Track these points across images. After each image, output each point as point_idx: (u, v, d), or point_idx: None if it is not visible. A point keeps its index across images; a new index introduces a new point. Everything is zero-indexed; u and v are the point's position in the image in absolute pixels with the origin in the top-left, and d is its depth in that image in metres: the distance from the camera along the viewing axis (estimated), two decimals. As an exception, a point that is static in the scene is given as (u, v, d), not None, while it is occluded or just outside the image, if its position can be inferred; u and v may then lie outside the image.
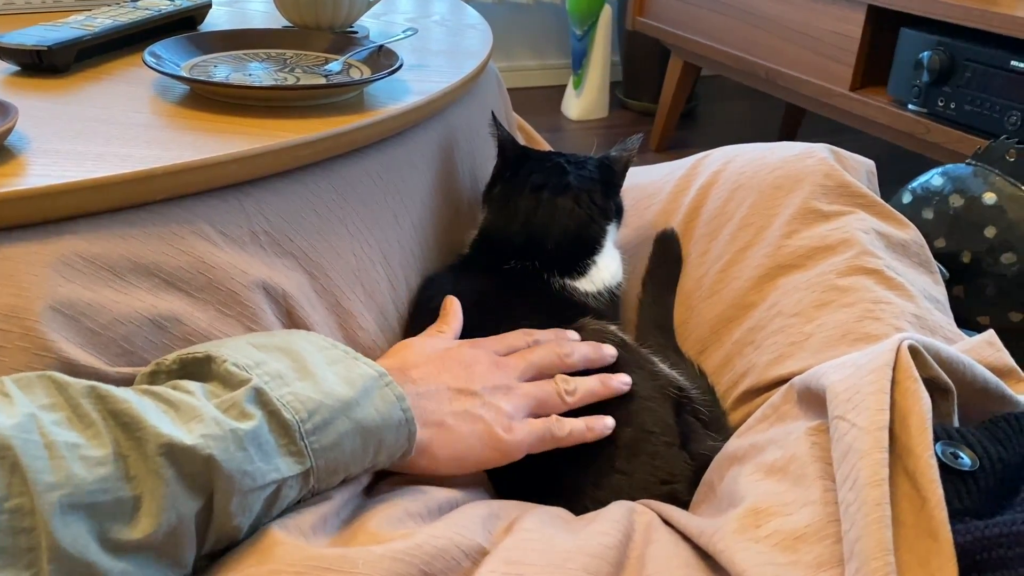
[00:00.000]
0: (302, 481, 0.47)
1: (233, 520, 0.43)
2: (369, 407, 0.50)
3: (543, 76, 2.90)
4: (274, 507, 0.46)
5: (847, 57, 1.63)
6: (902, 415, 0.45)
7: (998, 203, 1.14)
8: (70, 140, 0.56)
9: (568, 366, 0.64)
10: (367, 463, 0.51)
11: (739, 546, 0.45)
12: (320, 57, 0.77)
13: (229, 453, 0.42)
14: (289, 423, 0.45)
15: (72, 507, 0.37)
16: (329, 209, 0.63)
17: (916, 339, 0.49)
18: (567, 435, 0.60)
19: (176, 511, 0.41)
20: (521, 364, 0.62)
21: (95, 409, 0.41)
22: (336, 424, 0.48)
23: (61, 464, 0.38)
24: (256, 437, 0.44)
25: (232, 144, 0.57)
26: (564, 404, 0.62)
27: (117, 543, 0.39)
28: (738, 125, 2.67)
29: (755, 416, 0.61)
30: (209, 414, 0.43)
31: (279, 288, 0.57)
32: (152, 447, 0.40)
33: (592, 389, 0.63)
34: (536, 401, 0.61)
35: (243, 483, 0.43)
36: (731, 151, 0.85)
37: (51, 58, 0.68)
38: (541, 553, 0.46)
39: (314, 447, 0.46)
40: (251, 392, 0.45)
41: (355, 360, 0.52)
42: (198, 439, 0.41)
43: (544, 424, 0.60)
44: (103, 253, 0.50)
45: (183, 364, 0.48)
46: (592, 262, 0.73)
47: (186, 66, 0.70)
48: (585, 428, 0.61)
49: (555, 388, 0.62)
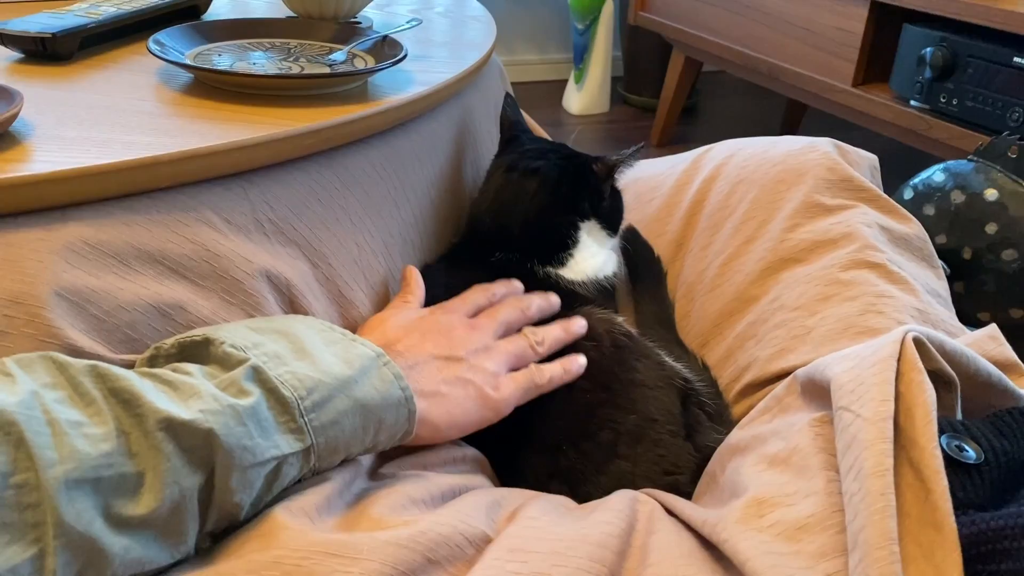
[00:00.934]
0: (303, 459, 0.47)
1: (234, 496, 0.44)
2: (368, 386, 0.50)
3: (544, 70, 2.89)
4: (275, 485, 0.46)
5: (849, 53, 1.63)
6: (907, 406, 0.45)
7: (999, 199, 1.14)
8: (74, 127, 0.56)
9: (529, 318, 0.68)
10: (367, 443, 0.51)
11: (742, 535, 0.45)
12: (324, 47, 0.77)
13: (228, 428, 0.42)
14: (288, 400, 0.46)
15: (77, 482, 0.38)
16: (332, 198, 0.63)
17: (921, 331, 0.49)
18: (548, 381, 0.63)
19: (178, 486, 0.41)
20: (492, 324, 0.65)
21: (96, 387, 0.41)
22: (335, 402, 0.48)
23: (65, 440, 0.38)
24: (255, 413, 0.44)
25: (236, 132, 0.57)
26: (536, 354, 0.65)
27: (121, 519, 0.39)
28: (739, 121, 2.66)
29: (758, 408, 0.61)
30: (207, 391, 0.43)
31: (282, 276, 0.57)
32: (152, 423, 0.40)
33: (556, 336, 0.66)
34: (513, 356, 0.64)
35: (243, 458, 0.43)
36: (734, 145, 0.84)
37: (55, 46, 0.68)
38: (545, 541, 0.46)
39: (314, 425, 0.47)
40: (249, 371, 0.45)
41: (352, 341, 0.52)
42: (196, 414, 0.42)
43: (526, 375, 0.63)
44: (108, 240, 0.50)
45: (182, 348, 0.48)
46: (568, 254, 0.73)
47: (190, 55, 0.70)
48: (562, 371, 0.64)
49: (526, 341, 0.65)
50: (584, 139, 2.44)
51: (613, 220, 0.78)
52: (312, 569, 0.42)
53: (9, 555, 0.36)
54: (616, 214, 0.78)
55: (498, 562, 0.45)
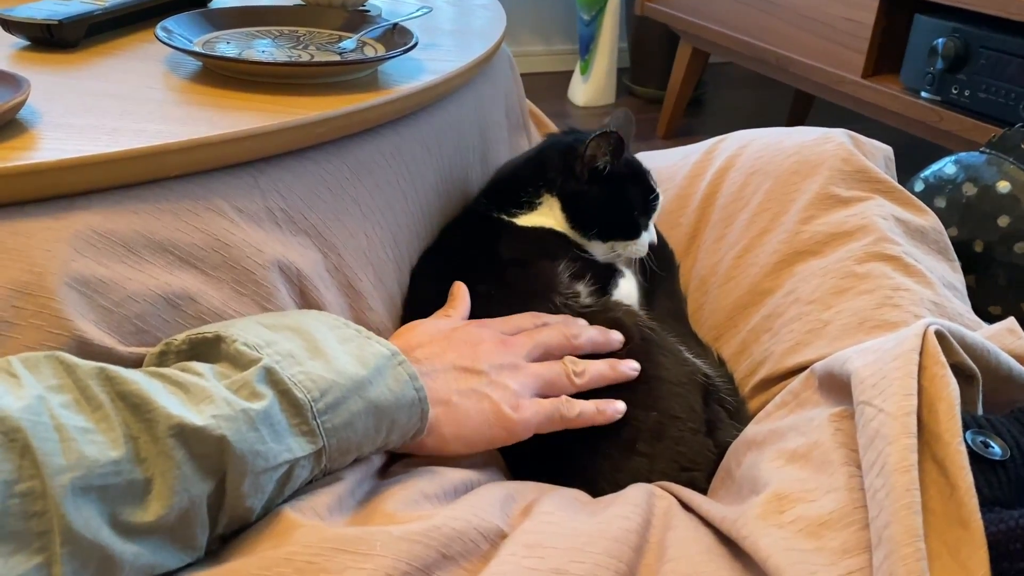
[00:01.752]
0: (314, 461, 0.46)
1: (245, 501, 0.43)
2: (382, 386, 0.49)
3: (550, 62, 2.88)
4: (286, 487, 0.46)
5: (860, 44, 1.62)
6: (930, 401, 0.44)
7: (1012, 192, 1.13)
8: (82, 115, 0.55)
9: (575, 348, 0.63)
10: (379, 442, 0.50)
11: (762, 532, 0.45)
12: (334, 35, 0.76)
13: (241, 434, 0.42)
14: (301, 402, 0.45)
15: (84, 490, 0.37)
16: (342, 188, 0.63)
17: (943, 324, 0.48)
18: (577, 416, 0.59)
19: (188, 493, 0.40)
20: (528, 343, 0.61)
21: (103, 391, 0.40)
22: (349, 403, 0.47)
23: (72, 447, 0.37)
24: (268, 417, 0.43)
25: (246, 121, 0.56)
26: (573, 385, 0.61)
27: (129, 526, 0.39)
28: (746, 113, 2.65)
29: (774, 402, 0.60)
30: (220, 395, 0.42)
31: (293, 267, 0.57)
32: (162, 429, 0.39)
33: (601, 372, 0.62)
34: (544, 381, 0.60)
35: (255, 464, 0.42)
36: (747, 135, 0.83)
37: (62, 33, 0.67)
38: (562, 536, 0.46)
39: (326, 426, 0.46)
40: (262, 372, 0.44)
41: (367, 339, 0.51)
42: (209, 420, 0.41)
43: (553, 404, 0.59)
44: (117, 229, 0.49)
45: (192, 344, 0.47)
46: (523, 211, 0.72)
47: (198, 42, 0.69)
48: (595, 411, 0.60)
49: (563, 369, 0.61)
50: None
51: (583, 217, 0.71)
52: (324, 566, 0.41)
53: (14, 564, 0.35)
54: (589, 216, 0.71)
55: (514, 558, 0.44)
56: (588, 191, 0.71)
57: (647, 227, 0.74)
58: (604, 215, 0.71)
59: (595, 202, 0.71)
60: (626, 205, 0.72)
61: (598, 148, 0.70)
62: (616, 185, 0.72)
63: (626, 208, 0.72)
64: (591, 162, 0.71)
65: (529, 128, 1.01)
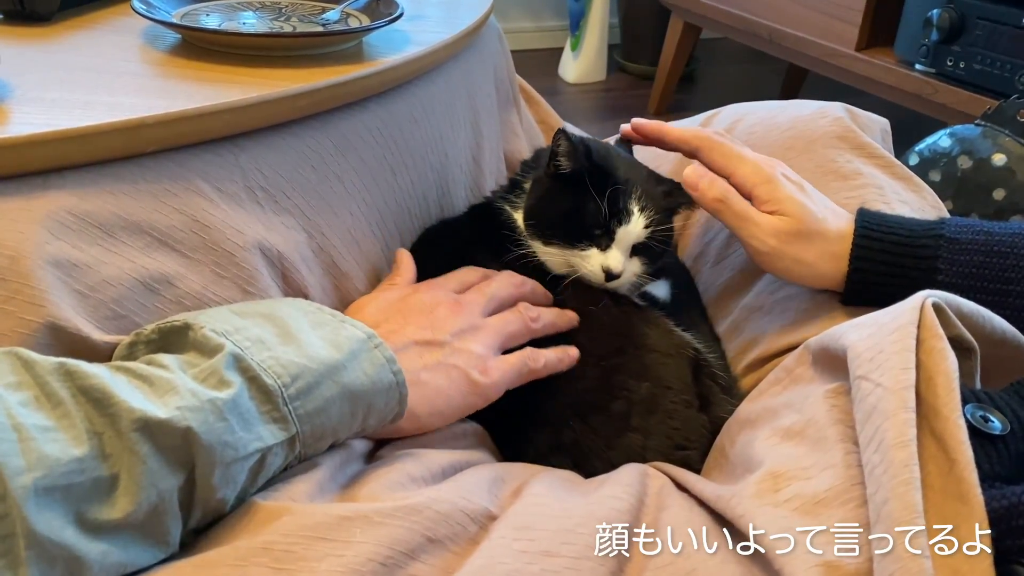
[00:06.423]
0: (287, 448, 0.45)
1: (217, 493, 0.42)
2: (357, 370, 0.48)
3: (540, 38, 2.85)
4: (260, 476, 0.45)
5: (853, 16, 1.60)
6: (928, 375, 0.43)
7: (1007, 165, 1.12)
8: (55, 88, 0.53)
9: (523, 294, 0.63)
10: (356, 427, 0.49)
11: (758, 511, 0.44)
12: (316, 6, 0.74)
13: (208, 424, 0.40)
14: (271, 388, 0.44)
15: (47, 490, 0.36)
16: (326, 164, 0.61)
17: (940, 296, 0.47)
18: (542, 366, 0.59)
19: (156, 488, 0.39)
20: (482, 300, 0.61)
21: (64, 387, 0.39)
22: (322, 389, 0.46)
23: (31, 446, 0.36)
24: (236, 406, 0.42)
25: (226, 94, 0.54)
26: (531, 332, 0.61)
27: (96, 524, 0.38)
28: (738, 88, 2.63)
29: (767, 379, 0.59)
30: (185, 386, 0.41)
31: (275, 249, 0.55)
32: (126, 423, 0.38)
33: (551, 318, 0.62)
34: (505, 335, 0.59)
35: (224, 454, 0.41)
36: (741, 109, 0.82)
37: (34, 5, 0.65)
38: (552, 518, 0.45)
39: (299, 413, 0.45)
40: (229, 358, 0.43)
41: (342, 323, 0.50)
42: (174, 412, 0.40)
43: (519, 358, 0.59)
44: (92, 210, 0.47)
45: (162, 334, 0.46)
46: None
47: (177, 14, 0.67)
48: (557, 358, 0.60)
49: (519, 316, 0.61)
50: (580, 108, 2.41)
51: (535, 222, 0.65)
52: (303, 554, 0.40)
53: None
54: (532, 211, 0.65)
55: (504, 540, 0.43)
56: (543, 184, 0.66)
57: (604, 247, 0.63)
58: (545, 212, 0.65)
59: (542, 197, 0.66)
60: (573, 212, 0.64)
61: (557, 145, 0.64)
62: (570, 188, 0.64)
63: (572, 214, 0.64)
64: (554, 158, 0.65)
65: (519, 103, 0.99)
